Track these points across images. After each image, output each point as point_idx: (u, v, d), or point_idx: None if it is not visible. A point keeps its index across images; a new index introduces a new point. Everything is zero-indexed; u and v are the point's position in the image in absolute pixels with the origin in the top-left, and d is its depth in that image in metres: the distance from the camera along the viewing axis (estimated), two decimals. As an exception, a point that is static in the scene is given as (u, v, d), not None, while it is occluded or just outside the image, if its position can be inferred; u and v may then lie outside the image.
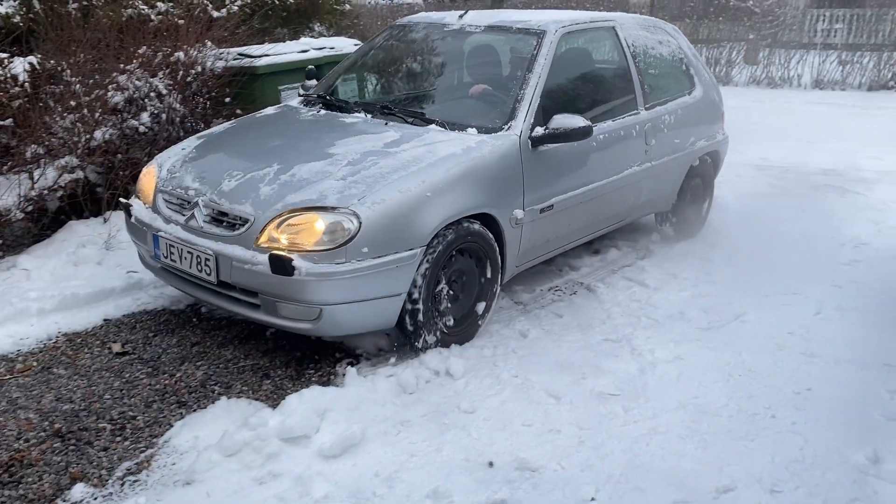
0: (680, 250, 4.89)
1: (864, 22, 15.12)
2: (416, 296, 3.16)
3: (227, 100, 5.08)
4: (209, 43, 5.17)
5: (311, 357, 3.32)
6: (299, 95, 4.49)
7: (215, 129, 4.16)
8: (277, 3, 6.34)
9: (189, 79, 4.99)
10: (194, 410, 2.88)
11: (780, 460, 2.55)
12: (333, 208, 2.99)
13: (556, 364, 3.27)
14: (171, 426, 2.77)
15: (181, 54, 4.97)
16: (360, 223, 2.95)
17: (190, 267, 3.22)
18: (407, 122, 3.73)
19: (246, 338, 3.53)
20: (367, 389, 2.91)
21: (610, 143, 4.15)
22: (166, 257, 3.33)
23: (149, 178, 3.62)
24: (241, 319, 3.66)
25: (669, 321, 3.75)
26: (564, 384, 3.08)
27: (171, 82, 4.92)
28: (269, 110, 4.35)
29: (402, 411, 2.84)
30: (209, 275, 3.14)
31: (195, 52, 5.05)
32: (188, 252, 3.20)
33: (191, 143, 3.87)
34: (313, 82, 4.59)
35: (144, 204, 3.56)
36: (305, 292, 2.93)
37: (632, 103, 4.44)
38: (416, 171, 3.21)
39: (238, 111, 5.02)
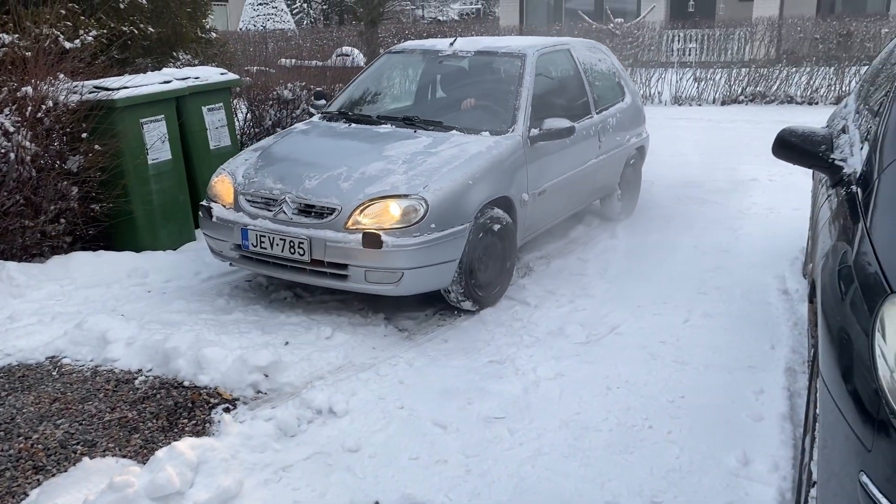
0: (557, 267, 5.01)
1: (715, 41, 16.25)
2: (462, 261, 4.00)
3: (84, 135, 4.78)
4: (61, 76, 4.86)
5: (184, 406, 3.14)
6: (316, 112, 5.34)
7: (264, 142, 4.85)
8: (136, 32, 6.07)
9: (40, 115, 4.67)
10: (53, 475, 2.65)
11: (658, 471, 2.63)
12: (406, 195, 3.89)
13: (443, 391, 3.25)
14: (27, 496, 2.53)
15: (29, 89, 4.65)
16: (428, 206, 3.85)
17: (283, 251, 3.97)
18: (429, 130, 4.63)
19: (113, 389, 3.30)
20: (244, 436, 2.78)
21: (577, 140, 5.12)
22: (255, 246, 4.07)
23: (224, 184, 4.35)
24: (107, 370, 3.44)
25: (550, 338, 3.82)
26: (451, 411, 3.06)
27: (20, 119, 4.58)
28: (302, 126, 5.10)
29: (284, 456, 2.73)
30: (302, 255, 3.92)
31: (45, 87, 4.73)
32: (280, 239, 3.96)
33: (250, 154, 4.60)
34: (322, 102, 5.48)
35: (224, 206, 4.27)
36: (391, 260, 3.78)
37: (587, 109, 5.48)
38: (458, 165, 4.14)
39: (97, 146, 4.74)
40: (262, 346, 3.55)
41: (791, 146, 2.62)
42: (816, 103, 14.81)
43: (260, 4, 27.01)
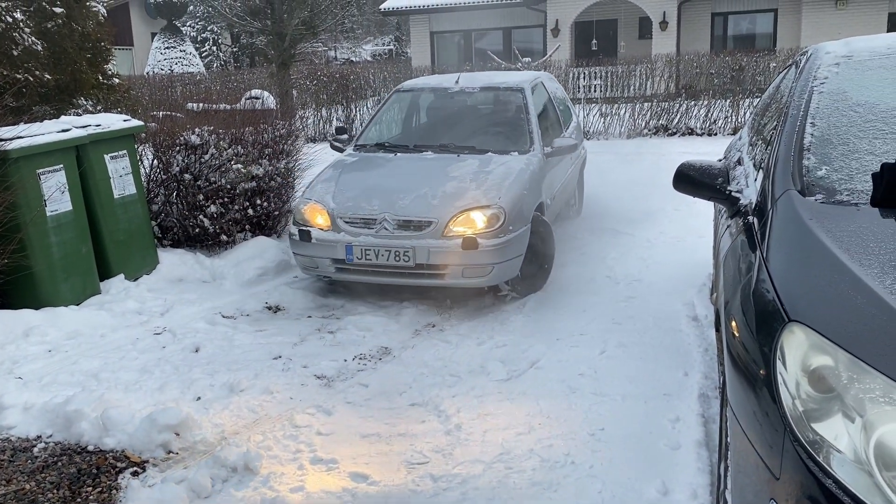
0: (475, 304, 5.03)
1: (618, 77, 16.91)
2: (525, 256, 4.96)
3: (-25, 187, 4.52)
4: (-52, 126, 4.61)
5: (88, 473, 2.95)
6: (340, 145, 6.14)
7: (330, 173, 5.48)
8: (32, 80, 5.82)
9: (-76, 168, 4.40)
10: (-60, 561, 2.43)
11: (582, 506, 2.63)
12: (488, 206, 4.81)
13: (363, 438, 3.17)
14: None
15: (-88, 141, 4.38)
16: (506, 213, 4.78)
17: (388, 260, 4.78)
18: (466, 153, 5.50)
19: (9, 459, 3.08)
20: (154, 502, 2.63)
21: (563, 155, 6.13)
22: (360, 259, 4.84)
23: (317, 210, 5.07)
24: (2, 439, 3.21)
25: (471, 377, 3.81)
26: (372, 460, 2.99)
27: None
28: (348, 157, 5.83)
29: (197, 520, 2.59)
30: (408, 261, 4.74)
31: (-70, 138, 4.47)
32: (385, 250, 4.77)
33: (326, 185, 5.27)
34: (344, 136, 6.33)
35: (321, 229, 4.99)
36: (485, 258, 4.68)
37: (560, 128, 6.65)
38: (514, 179, 5.09)
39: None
40: (172, 403, 3.40)
41: (690, 180, 2.72)
42: (715, 134, 15.58)
43: (167, 48, 26.51)
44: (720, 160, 3.01)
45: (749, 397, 1.68)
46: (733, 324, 1.91)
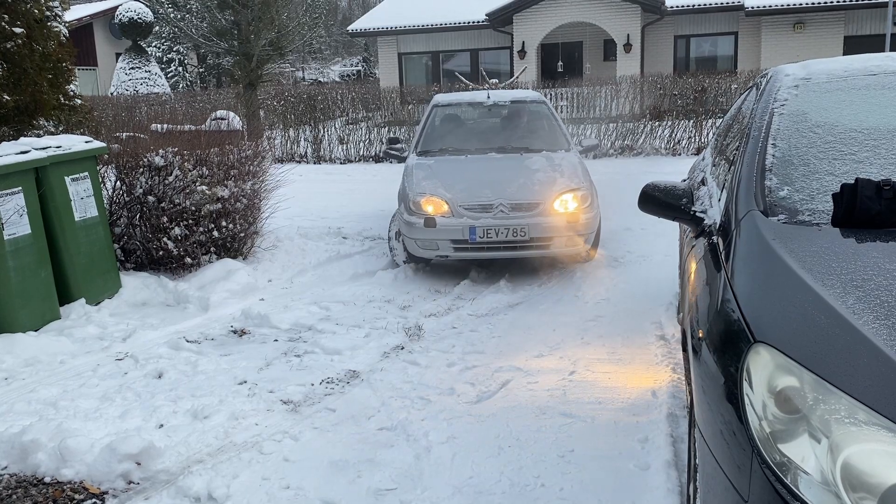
0: (446, 323, 5.00)
1: (584, 98, 17.13)
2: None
3: (-71, 212, 4.40)
4: None
5: (45, 506, 2.85)
6: (396, 153, 7.76)
7: (422, 172, 6.48)
8: (-11, 100, 5.70)
9: None
10: None
11: (553, 529, 2.60)
12: (578, 188, 6.11)
13: (331, 465, 3.11)
14: None
15: None
16: (590, 193, 6.14)
17: (506, 237, 5.85)
18: (523, 153, 6.72)
19: (-40, 494, 2.96)
20: (113, 535, 2.54)
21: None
22: (482, 238, 5.86)
23: (435, 201, 6.05)
24: None
25: (441, 399, 3.77)
26: (340, 487, 2.93)
27: None
28: (420, 161, 6.80)
29: (158, 553, 2.51)
30: (523, 237, 5.85)
31: None
32: (504, 228, 5.84)
33: (425, 183, 6.24)
34: (399, 145, 7.81)
35: (442, 216, 5.96)
36: (582, 229, 5.96)
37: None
38: (579, 169, 6.48)
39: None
40: (134, 432, 3.31)
41: (655, 200, 2.74)
42: (679, 154, 15.83)
43: (132, 69, 26.24)
44: (684, 180, 3.04)
45: (716, 418, 1.68)
46: (701, 344, 1.91)
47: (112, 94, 24.56)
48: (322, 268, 6.54)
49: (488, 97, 7.61)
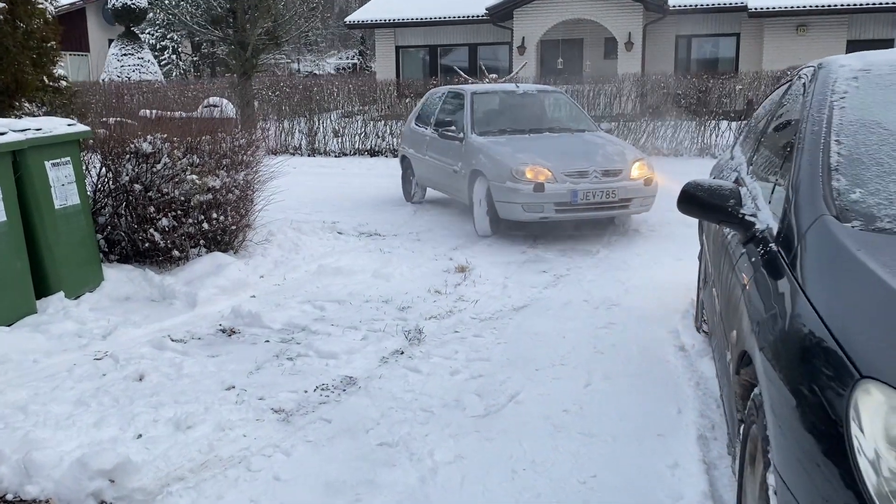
0: (448, 327, 4.71)
1: (584, 96, 16.84)
2: None
3: None
4: None
5: (3, 529, 2.54)
6: (468, 133, 8.06)
7: (506, 149, 7.44)
8: (-33, 79, 5.38)
9: None
10: None
11: (577, 569, 2.31)
12: (641, 158, 7.46)
13: (326, 486, 2.81)
14: None
15: None
16: (649, 162, 7.48)
17: (601, 199, 6.99)
18: (573, 132, 8.20)
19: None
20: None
21: None
22: (583, 200, 6.92)
23: (540, 170, 6.97)
24: None
25: (446, 412, 3.47)
26: (336, 512, 2.63)
27: None
28: (490, 139, 7.83)
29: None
30: (613, 198, 7.04)
31: None
32: (600, 191, 6.96)
33: (525, 155, 7.19)
34: (453, 128, 8.37)
35: (547, 182, 6.88)
36: (652, 192, 7.31)
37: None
38: (629, 144, 8.74)
39: None
40: (109, 444, 3.00)
41: (697, 201, 2.44)
42: (681, 155, 15.57)
43: (125, 55, 25.76)
44: (729, 182, 2.73)
45: (807, 464, 1.38)
46: (776, 373, 1.62)
47: (103, 80, 24.10)
48: (316, 264, 6.23)
49: (517, 87, 8.97)
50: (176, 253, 5.70)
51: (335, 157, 17.26)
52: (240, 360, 4.13)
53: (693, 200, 2.45)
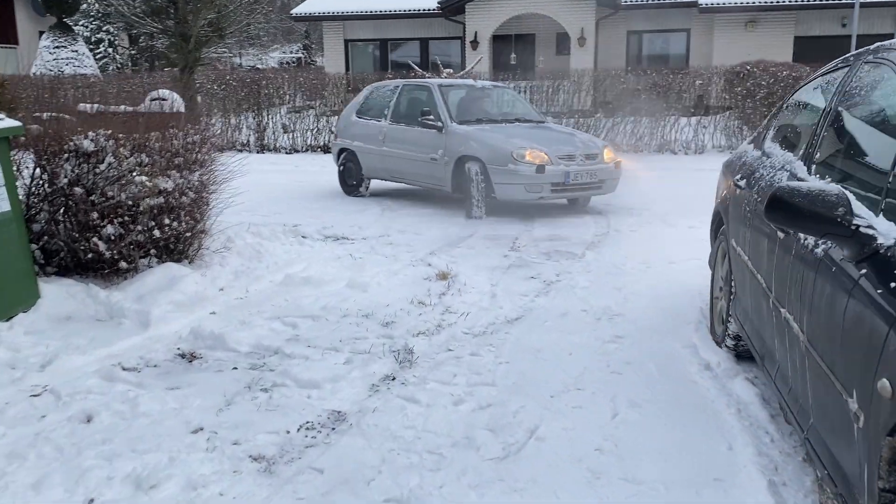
0: (440, 344, 4.21)
1: (543, 92, 16.50)
2: None
3: None
4: None
5: None
6: (447, 122, 8.61)
7: (497, 136, 8.25)
8: None
9: None
10: None
11: None
12: (608, 144, 8.93)
13: (330, 561, 2.29)
14: None
15: None
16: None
17: (586, 180, 8.01)
18: (534, 123, 9.13)
19: None
20: None
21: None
22: (573, 181, 7.91)
23: (537, 152, 7.79)
24: None
25: (458, 453, 2.97)
26: None
27: None
28: (473, 126, 8.54)
29: None
30: (594, 179, 8.07)
31: None
32: (585, 173, 7.98)
33: (519, 140, 8.03)
34: (431, 117, 8.63)
35: (545, 164, 7.73)
36: (618, 175, 8.41)
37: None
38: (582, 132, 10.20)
39: None
40: (52, 517, 2.40)
41: (794, 209, 2.00)
42: (641, 151, 15.38)
43: (57, 48, 24.36)
44: (832, 184, 2.28)
45: None
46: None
47: (34, 74, 22.71)
48: (282, 273, 5.64)
49: (475, 82, 9.96)
50: (123, 264, 5.04)
51: (286, 153, 16.56)
52: (205, 394, 3.55)
53: (789, 209, 2.01)
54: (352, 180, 10.00)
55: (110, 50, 30.82)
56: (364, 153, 9.69)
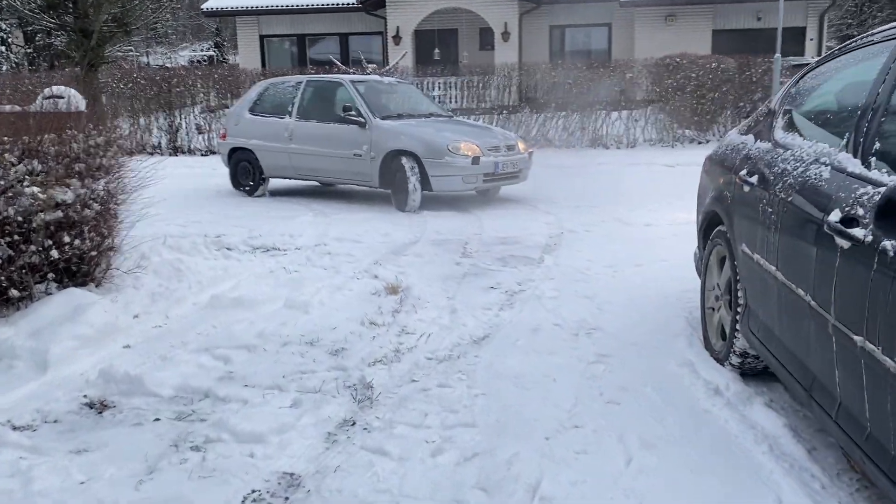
0: (401, 373, 3.60)
1: (473, 88, 16.03)
2: None
3: None
4: None
5: None
6: (370, 118, 8.59)
7: (429, 129, 8.52)
8: None
9: None
10: None
11: None
12: (521, 137, 10.14)
13: None
14: None
15: None
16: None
17: (511, 169, 8.44)
18: (446, 117, 9.52)
19: None
20: None
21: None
22: (501, 171, 8.31)
23: (471, 145, 8.07)
24: None
25: (447, 525, 2.39)
26: None
27: None
28: (396, 121, 8.66)
29: None
30: (515, 169, 8.52)
31: None
32: (510, 163, 8.41)
33: (449, 134, 8.32)
34: (353, 112, 8.61)
35: (478, 156, 8.02)
36: (530, 164, 8.94)
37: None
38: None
39: None
40: None
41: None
42: (574, 146, 15.12)
43: (-60, 45, 22.36)
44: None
45: None
46: None
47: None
48: (207, 293, 4.91)
49: (383, 78, 10.16)
50: (14, 292, 4.20)
51: (202, 155, 15.55)
52: (121, 458, 2.84)
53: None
54: (247, 180, 9.69)
55: (3, 49, 28.66)
56: (264, 152, 9.38)
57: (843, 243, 2.13)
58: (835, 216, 2.21)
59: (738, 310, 3.26)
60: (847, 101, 2.65)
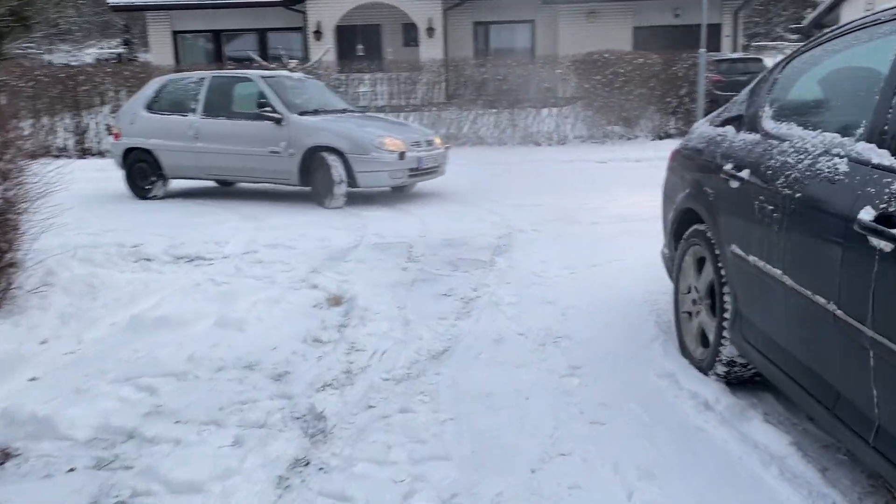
0: (355, 401, 3.20)
1: (401, 84, 15.63)
2: None
3: None
4: None
5: None
6: (287, 112, 8.30)
7: (350, 125, 8.37)
8: None
9: None
10: None
11: None
12: (436, 132, 10.11)
13: None
14: None
15: None
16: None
17: (432, 164, 8.41)
18: (361, 113, 9.55)
19: None
20: None
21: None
22: (424, 165, 8.24)
23: (395, 141, 7.93)
24: None
25: (433, 589, 2.01)
26: None
27: None
28: (320, 117, 8.43)
29: None
30: (435, 164, 8.52)
31: None
32: (431, 157, 8.36)
33: (372, 129, 8.16)
34: (269, 108, 8.33)
35: (403, 151, 7.96)
36: (446, 159, 8.89)
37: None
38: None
39: None
40: None
41: None
42: (506, 143, 14.93)
43: None
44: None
45: None
46: None
47: None
48: (127, 312, 4.37)
49: (291, 74, 9.84)
50: None
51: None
52: (27, 524, 2.34)
53: None
54: (145, 182, 9.14)
55: None
56: (166, 151, 8.90)
57: (883, 245, 1.87)
58: (866, 214, 1.95)
59: (726, 315, 3.01)
60: (857, 86, 2.41)
